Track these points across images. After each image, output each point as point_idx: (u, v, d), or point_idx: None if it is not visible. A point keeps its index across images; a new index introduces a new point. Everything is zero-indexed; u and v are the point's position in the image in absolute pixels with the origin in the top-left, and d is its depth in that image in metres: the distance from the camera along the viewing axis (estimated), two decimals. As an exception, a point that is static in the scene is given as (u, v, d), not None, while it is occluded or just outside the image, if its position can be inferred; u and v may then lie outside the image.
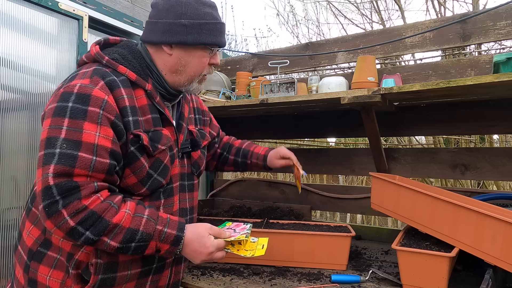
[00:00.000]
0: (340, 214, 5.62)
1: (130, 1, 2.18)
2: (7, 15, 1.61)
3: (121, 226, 0.99)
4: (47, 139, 0.97)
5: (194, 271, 1.53)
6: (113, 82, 1.06)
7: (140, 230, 1.01)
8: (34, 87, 1.71)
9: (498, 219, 1.11)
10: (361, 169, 2.13)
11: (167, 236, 1.05)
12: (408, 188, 1.41)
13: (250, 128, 2.53)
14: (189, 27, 1.12)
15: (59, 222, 0.94)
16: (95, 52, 1.12)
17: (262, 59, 2.43)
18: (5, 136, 1.59)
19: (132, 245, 1.01)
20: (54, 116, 0.99)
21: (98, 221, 0.96)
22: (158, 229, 1.04)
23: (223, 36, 1.19)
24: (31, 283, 1.08)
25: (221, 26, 1.18)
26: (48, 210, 0.93)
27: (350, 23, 6.85)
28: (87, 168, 0.97)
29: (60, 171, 0.94)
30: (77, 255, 1.05)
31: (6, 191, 1.59)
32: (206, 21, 1.14)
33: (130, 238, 1.00)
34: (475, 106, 1.79)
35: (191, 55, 1.16)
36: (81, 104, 0.99)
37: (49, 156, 0.95)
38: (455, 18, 1.83)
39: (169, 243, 1.05)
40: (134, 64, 1.13)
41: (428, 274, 1.23)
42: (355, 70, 1.88)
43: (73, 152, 0.96)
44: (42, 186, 0.94)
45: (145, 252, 1.04)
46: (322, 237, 1.54)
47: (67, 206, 0.94)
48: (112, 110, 1.03)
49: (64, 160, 0.95)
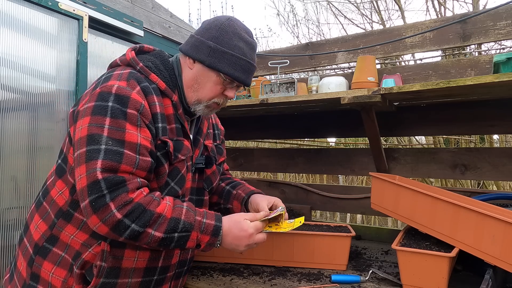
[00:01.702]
0: (340, 214, 5.62)
1: (130, 1, 2.18)
2: (7, 15, 1.60)
3: (164, 216, 1.01)
4: (89, 136, 0.99)
5: (194, 271, 1.53)
6: (147, 88, 1.09)
7: (182, 219, 1.03)
8: (34, 87, 1.70)
9: (498, 219, 1.11)
10: (361, 169, 2.13)
11: (207, 227, 1.07)
12: (408, 188, 1.41)
13: (250, 128, 2.53)
14: (213, 50, 1.14)
15: (105, 215, 0.95)
16: (130, 57, 1.15)
17: (262, 59, 2.43)
18: (5, 136, 1.59)
19: (175, 236, 1.02)
20: (94, 115, 1.01)
21: (143, 212, 0.98)
22: (198, 220, 1.06)
23: (243, 73, 1.18)
24: (33, 277, 1.08)
25: (245, 63, 1.18)
26: (95, 204, 0.94)
27: (350, 23, 6.86)
28: (132, 165, 0.99)
29: (108, 166, 0.96)
30: (84, 254, 1.06)
31: (6, 191, 1.59)
32: (231, 52, 1.15)
33: (173, 227, 1.02)
34: (475, 106, 1.79)
35: (207, 77, 1.18)
36: (121, 105, 1.02)
37: (94, 152, 0.97)
38: (455, 18, 1.83)
39: (209, 234, 1.07)
40: (164, 74, 1.17)
41: (428, 274, 1.23)
42: (355, 70, 1.88)
43: (119, 149, 0.98)
44: (89, 181, 0.95)
45: (187, 245, 1.05)
46: (322, 237, 1.54)
47: (114, 199, 0.95)
48: (148, 114, 1.07)
49: (111, 156, 0.97)
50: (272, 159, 2.45)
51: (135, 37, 2.15)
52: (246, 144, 4.65)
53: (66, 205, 1.09)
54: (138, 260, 1.12)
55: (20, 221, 1.64)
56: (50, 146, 1.74)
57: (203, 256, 1.64)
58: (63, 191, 1.10)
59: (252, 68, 1.22)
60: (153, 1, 2.36)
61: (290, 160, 2.37)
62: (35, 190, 1.67)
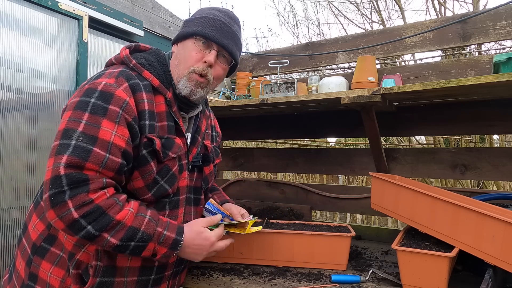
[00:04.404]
0: (340, 214, 5.62)
1: (130, 1, 2.18)
2: (7, 15, 1.61)
3: (123, 223, 0.99)
4: (65, 130, 0.99)
5: (194, 271, 1.53)
6: (136, 86, 1.09)
7: (141, 229, 1.02)
8: (34, 87, 1.70)
9: (498, 219, 1.11)
10: (361, 169, 2.13)
11: (166, 239, 1.06)
12: (408, 188, 1.41)
13: (250, 128, 2.53)
14: (186, 22, 1.20)
15: (62, 212, 0.93)
16: (124, 55, 1.15)
17: (262, 59, 2.43)
18: (5, 136, 1.59)
19: (131, 244, 1.01)
20: (75, 110, 1.01)
21: (101, 216, 0.96)
22: (158, 231, 1.04)
23: (215, 31, 1.15)
24: (32, 277, 1.08)
25: (216, 22, 1.16)
26: (54, 200, 0.93)
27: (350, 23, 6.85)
28: (99, 164, 0.97)
29: (73, 163, 0.95)
30: (78, 255, 1.05)
31: (6, 191, 1.59)
32: (203, 16, 1.17)
33: (130, 236, 1.00)
34: (475, 106, 1.79)
35: (184, 47, 1.19)
36: (103, 102, 1.02)
37: (63, 147, 0.96)
38: (455, 18, 1.83)
39: (167, 247, 1.06)
40: (158, 71, 1.17)
41: (428, 274, 1.23)
42: (355, 70, 1.88)
43: (88, 146, 0.97)
44: (52, 175, 0.94)
45: (142, 254, 1.04)
46: (322, 237, 1.54)
47: (73, 197, 0.93)
48: (131, 111, 1.05)
49: (78, 152, 0.95)
50: (272, 159, 2.45)
51: (135, 37, 2.15)
52: (246, 144, 4.65)
53: None
54: (132, 259, 1.11)
55: (20, 221, 1.64)
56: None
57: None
58: None
59: (227, 29, 1.17)
60: (153, 1, 2.36)
61: (290, 160, 2.37)
62: (35, 190, 1.67)
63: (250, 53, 2.54)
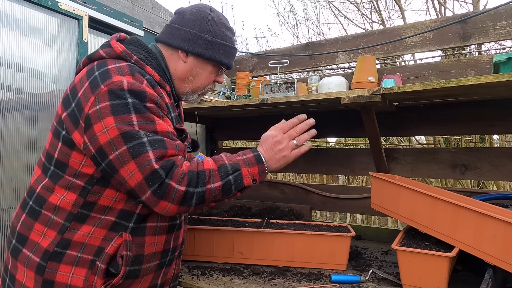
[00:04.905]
0: (340, 214, 5.62)
1: (130, 1, 2.18)
2: (7, 15, 1.60)
3: (212, 168, 1.07)
4: (124, 134, 0.99)
5: (194, 271, 1.53)
6: (151, 81, 1.10)
7: (226, 163, 1.09)
8: (34, 87, 1.70)
9: (498, 219, 1.11)
10: (361, 169, 2.13)
11: (249, 160, 1.12)
12: (408, 188, 1.41)
13: (250, 128, 2.53)
14: (210, 43, 1.21)
15: (172, 194, 1.00)
16: (121, 50, 1.11)
17: (262, 59, 2.43)
18: (5, 136, 1.58)
19: (230, 178, 1.07)
20: (116, 114, 0.99)
21: (198, 175, 1.04)
22: (238, 159, 1.12)
23: (233, 59, 1.29)
24: (46, 284, 1.04)
25: (234, 51, 1.28)
26: (160, 191, 0.99)
27: (350, 23, 6.85)
28: (175, 148, 1.05)
29: (159, 155, 1.00)
30: (107, 248, 1.05)
31: (6, 191, 1.59)
32: (225, 43, 1.23)
33: (224, 172, 1.07)
34: (475, 106, 1.79)
35: (203, 68, 1.24)
36: (140, 101, 1.03)
37: (139, 146, 0.99)
38: (455, 18, 1.83)
39: (255, 164, 1.12)
40: (154, 66, 1.17)
41: (428, 274, 1.23)
42: (355, 70, 1.88)
43: (159, 138, 1.02)
44: (145, 173, 0.98)
45: (244, 182, 1.09)
46: (322, 237, 1.54)
47: (172, 177, 1.00)
48: (163, 105, 1.11)
49: (157, 145, 1.00)
50: (272, 159, 2.45)
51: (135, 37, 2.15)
52: (246, 144, 4.65)
53: (76, 208, 1.06)
54: (157, 244, 1.15)
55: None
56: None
57: (203, 256, 1.64)
58: (64, 195, 1.07)
59: (236, 52, 1.31)
60: (153, 1, 2.36)
61: (290, 160, 2.37)
62: (35, 190, 1.66)
63: (250, 53, 2.54)
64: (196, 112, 2.11)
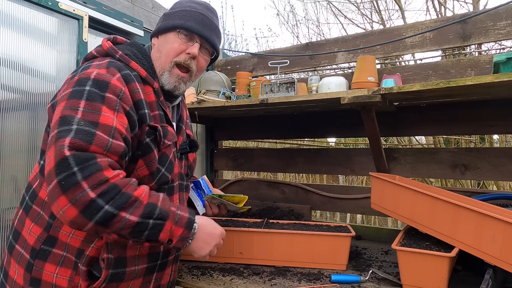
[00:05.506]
0: (340, 214, 5.62)
1: (130, 1, 2.18)
2: (7, 15, 1.60)
3: (141, 200, 0.95)
4: (61, 118, 0.93)
5: (194, 271, 1.53)
6: (128, 76, 1.08)
7: (158, 205, 0.98)
8: (34, 87, 1.70)
9: (498, 219, 1.11)
10: (361, 169, 2.13)
11: (181, 218, 1.02)
12: (408, 188, 1.41)
13: (250, 128, 2.53)
14: (166, 15, 1.21)
15: (76, 195, 0.85)
16: (108, 46, 1.15)
17: (262, 59, 2.43)
18: (5, 136, 1.58)
19: (150, 222, 0.95)
20: (69, 99, 0.97)
21: (119, 194, 0.91)
22: (172, 210, 1.01)
23: (197, 23, 1.17)
24: (34, 282, 1.05)
25: (197, 15, 1.18)
26: (65, 184, 0.85)
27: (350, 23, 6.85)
28: (104, 147, 0.92)
29: (76, 145, 0.88)
30: (88, 251, 1.04)
31: (6, 191, 1.59)
32: (182, 9, 1.19)
33: (149, 212, 0.95)
34: (475, 106, 1.79)
35: (165, 40, 1.20)
36: (99, 90, 0.99)
37: (64, 132, 0.90)
38: (455, 18, 1.83)
39: (183, 226, 1.02)
40: (143, 62, 1.17)
41: (428, 274, 1.23)
42: (355, 70, 1.88)
43: (91, 129, 0.92)
44: (56, 159, 0.87)
45: (159, 236, 0.98)
46: (322, 237, 1.54)
47: (88, 177, 0.87)
48: (128, 101, 1.05)
49: (81, 136, 0.90)
50: (272, 159, 2.45)
51: (135, 37, 2.15)
52: (246, 144, 4.65)
53: None
54: (141, 247, 1.13)
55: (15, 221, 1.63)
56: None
57: (203, 256, 1.64)
58: None
59: (208, 21, 1.20)
60: (153, 1, 2.35)
61: (290, 160, 2.37)
62: (35, 190, 1.67)
63: (250, 53, 2.54)
64: (196, 112, 2.11)
